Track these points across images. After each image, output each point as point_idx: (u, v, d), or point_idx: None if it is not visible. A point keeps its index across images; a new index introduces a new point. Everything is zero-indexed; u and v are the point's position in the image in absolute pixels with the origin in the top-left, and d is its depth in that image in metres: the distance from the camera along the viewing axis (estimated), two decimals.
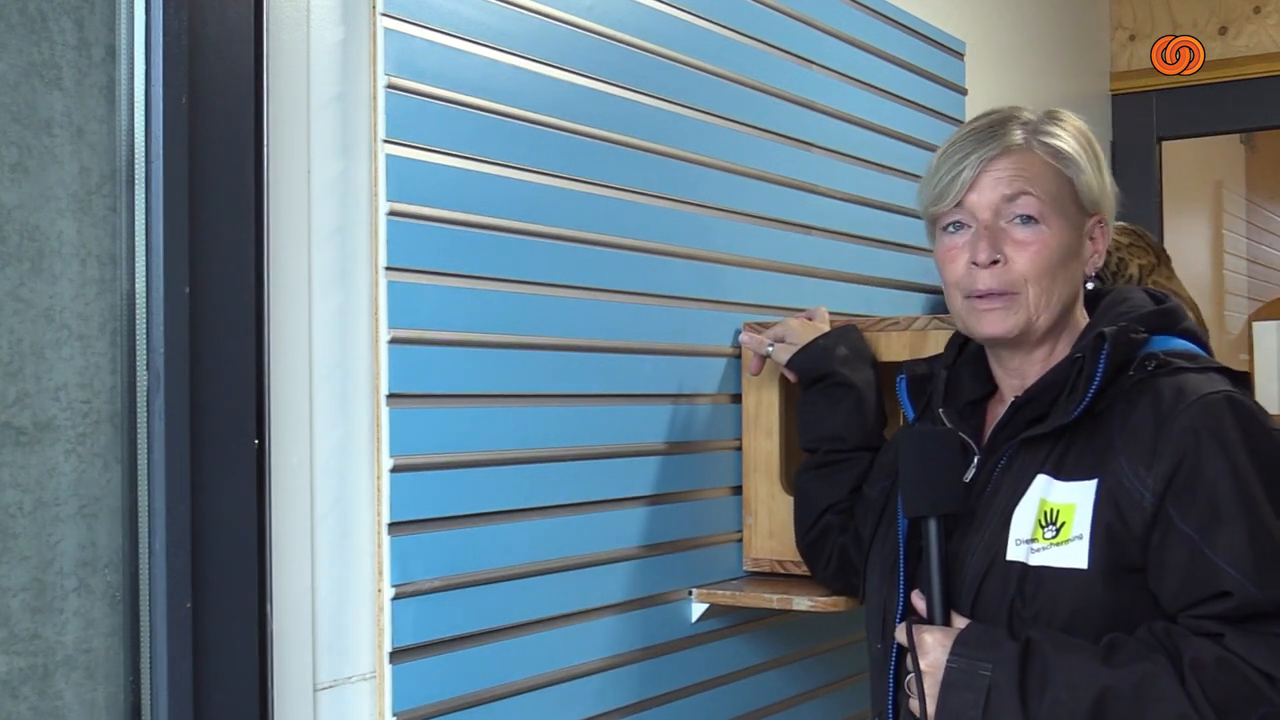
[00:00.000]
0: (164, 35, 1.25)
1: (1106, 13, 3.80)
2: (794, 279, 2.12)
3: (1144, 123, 3.74)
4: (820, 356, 1.85)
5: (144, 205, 1.27)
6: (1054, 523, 1.41)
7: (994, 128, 1.51)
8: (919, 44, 2.51)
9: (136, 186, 1.27)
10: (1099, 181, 1.52)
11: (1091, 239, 1.53)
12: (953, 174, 1.49)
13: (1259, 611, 1.32)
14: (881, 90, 2.38)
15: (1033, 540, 1.42)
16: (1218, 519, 1.34)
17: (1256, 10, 3.64)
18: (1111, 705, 1.32)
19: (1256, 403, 1.45)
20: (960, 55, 2.68)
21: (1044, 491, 1.43)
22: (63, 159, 1.24)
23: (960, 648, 1.39)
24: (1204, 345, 1.52)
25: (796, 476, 1.87)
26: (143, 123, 1.27)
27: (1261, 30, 3.63)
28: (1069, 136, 1.51)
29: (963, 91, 2.66)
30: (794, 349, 1.88)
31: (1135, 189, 3.72)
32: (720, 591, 1.90)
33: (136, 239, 1.27)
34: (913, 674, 1.43)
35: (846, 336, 1.87)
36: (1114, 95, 3.78)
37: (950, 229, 1.52)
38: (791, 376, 1.90)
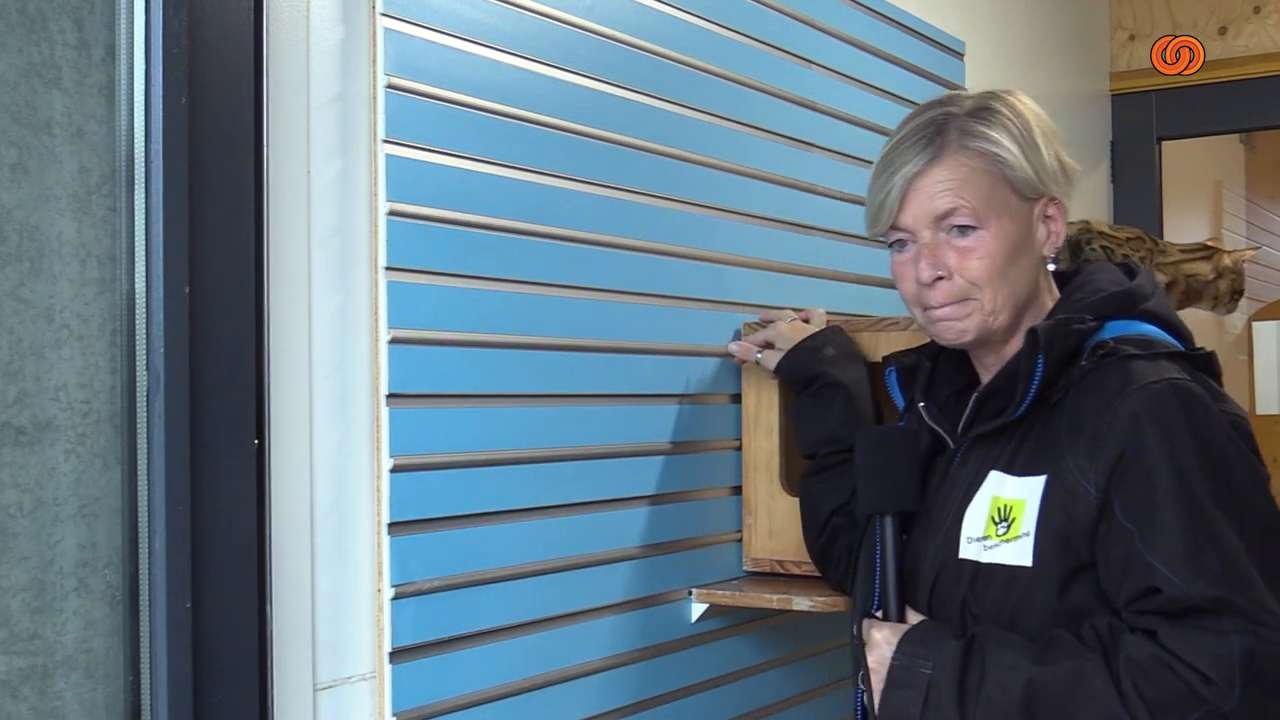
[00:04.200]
0: (164, 35, 1.25)
1: (1106, 13, 3.80)
2: (794, 279, 2.12)
3: (1144, 123, 3.74)
4: (807, 358, 1.85)
5: (144, 205, 1.27)
6: (1006, 519, 1.41)
7: (919, 135, 1.48)
8: (918, 44, 2.51)
9: (136, 186, 1.27)
10: (1037, 165, 1.47)
11: (1047, 218, 1.49)
12: (882, 195, 1.48)
13: (1191, 606, 1.29)
14: (881, 90, 2.38)
15: (985, 537, 1.42)
16: (1153, 511, 1.32)
17: (1256, 10, 3.64)
18: (1040, 702, 1.31)
19: (1213, 387, 1.42)
20: (960, 55, 2.68)
21: (996, 488, 1.43)
22: (63, 159, 1.24)
23: (905, 645, 1.41)
24: (1170, 325, 1.48)
25: (799, 483, 1.86)
26: (143, 123, 1.27)
27: (1261, 30, 3.63)
28: (997, 130, 1.46)
29: None
30: (782, 354, 1.88)
31: (1135, 189, 3.72)
32: (720, 591, 1.90)
33: (136, 239, 1.27)
34: (865, 669, 1.44)
35: (833, 337, 1.87)
36: (1114, 95, 3.78)
37: (895, 247, 1.52)
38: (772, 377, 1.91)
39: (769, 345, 1.92)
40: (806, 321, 1.96)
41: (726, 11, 1.99)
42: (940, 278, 1.46)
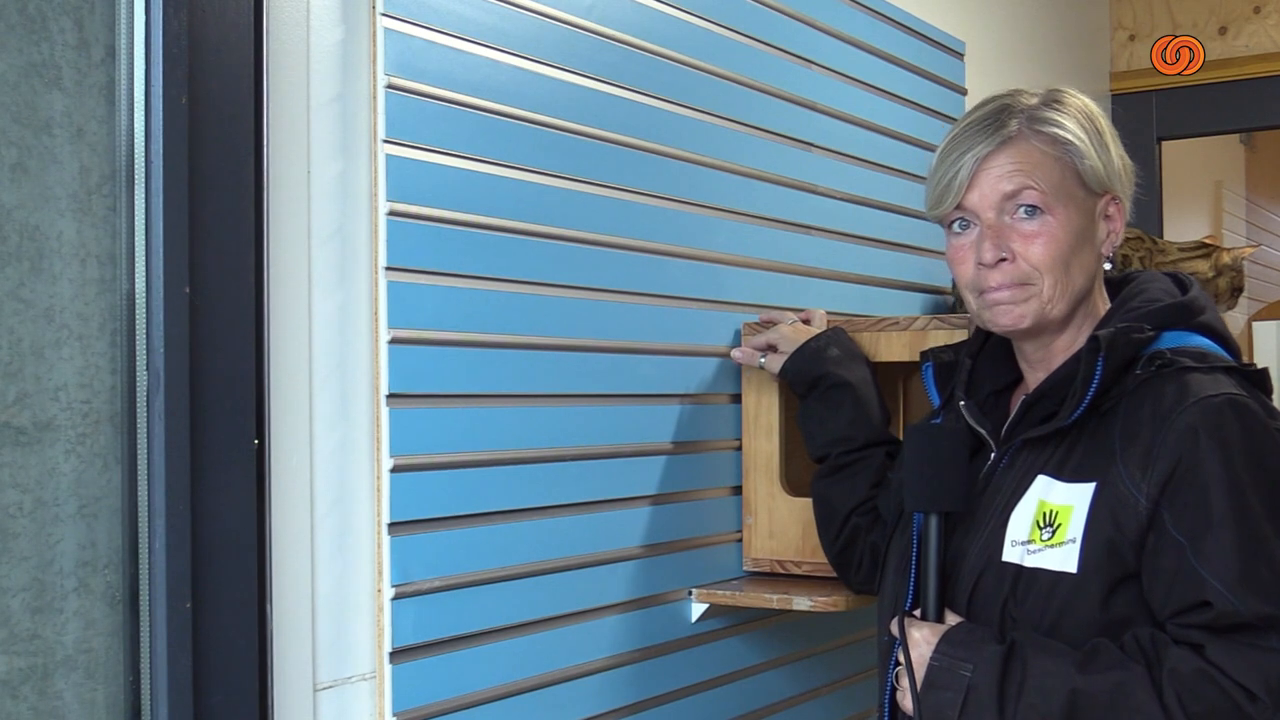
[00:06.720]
0: (164, 35, 1.25)
1: (1106, 13, 3.81)
2: (794, 279, 2.12)
3: (1144, 123, 3.74)
4: (812, 359, 1.84)
5: (144, 205, 1.27)
6: (1051, 524, 1.40)
7: (989, 120, 1.47)
8: (919, 44, 2.51)
9: (136, 186, 1.27)
10: (1105, 160, 1.49)
11: (1106, 218, 1.50)
12: (950, 174, 1.47)
13: (1241, 623, 1.28)
14: (881, 90, 2.38)
15: (1030, 541, 1.41)
16: (1207, 526, 1.31)
17: (1256, 10, 3.64)
18: (1082, 711, 1.31)
19: (1266, 403, 1.41)
20: (960, 55, 2.68)
21: (1044, 492, 1.42)
22: (63, 159, 1.24)
23: (945, 646, 1.39)
24: (1223, 339, 1.48)
25: (812, 487, 1.85)
26: (143, 123, 1.27)
27: (1261, 30, 3.63)
28: (1068, 120, 1.47)
29: (962, 91, 2.66)
30: (785, 357, 1.87)
31: (1135, 189, 3.72)
32: (720, 591, 1.90)
33: (136, 239, 1.27)
34: (901, 666, 1.43)
35: (836, 338, 1.87)
36: (1114, 95, 3.78)
37: (956, 228, 1.50)
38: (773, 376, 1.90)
39: (771, 348, 1.91)
40: (807, 323, 1.95)
41: (726, 11, 1.99)
42: (1003, 259, 1.45)
